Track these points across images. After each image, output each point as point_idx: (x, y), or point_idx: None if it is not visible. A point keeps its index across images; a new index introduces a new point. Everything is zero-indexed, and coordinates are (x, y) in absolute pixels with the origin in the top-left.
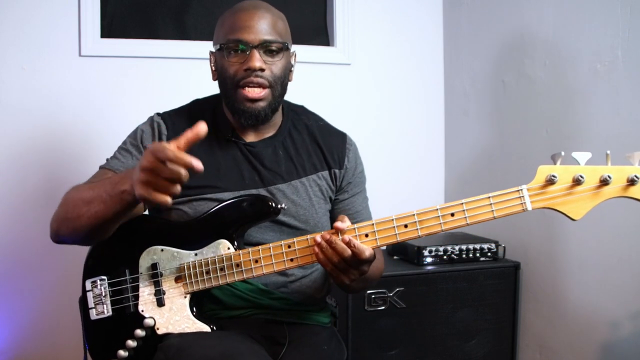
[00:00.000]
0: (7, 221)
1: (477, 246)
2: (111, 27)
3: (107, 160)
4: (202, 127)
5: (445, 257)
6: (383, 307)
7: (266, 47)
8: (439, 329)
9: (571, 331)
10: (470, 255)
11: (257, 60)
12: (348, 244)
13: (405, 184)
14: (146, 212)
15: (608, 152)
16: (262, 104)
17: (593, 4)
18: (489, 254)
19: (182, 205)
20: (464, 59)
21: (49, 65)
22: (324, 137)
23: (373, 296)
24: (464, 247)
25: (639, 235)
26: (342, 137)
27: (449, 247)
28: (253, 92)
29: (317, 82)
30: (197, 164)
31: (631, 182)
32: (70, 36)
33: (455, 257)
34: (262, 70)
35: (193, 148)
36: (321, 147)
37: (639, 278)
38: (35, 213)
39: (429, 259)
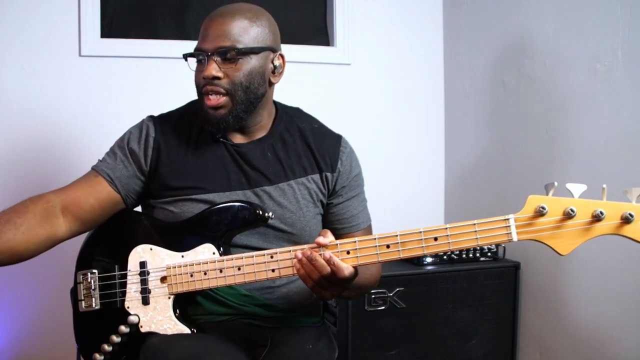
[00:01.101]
0: None
1: None
2: (111, 27)
3: (98, 160)
4: None
5: (445, 257)
6: (383, 307)
7: (222, 55)
8: (439, 329)
9: (571, 331)
10: (470, 255)
11: (211, 69)
12: (328, 261)
13: (405, 184)
14: (138, 209)
15: (604, 186)
16: (222, 111)
17: (593, 4)
18: (489, 254)
19: (169, 205)
20: (464, 59)
21: (49, 65)
22: (317, 140)
23: (373, 296)
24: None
25: None
26: (336, 140)
27: None
28: (211, 101)
29: (317, 82)
30: None
31: (625, 220)
32: (70, 36)
33: (455, 257)
34: (218, 78)
35: (182, 148)
36: (313, 150)
37: (638, 278)
38: None
39: (429, 259)
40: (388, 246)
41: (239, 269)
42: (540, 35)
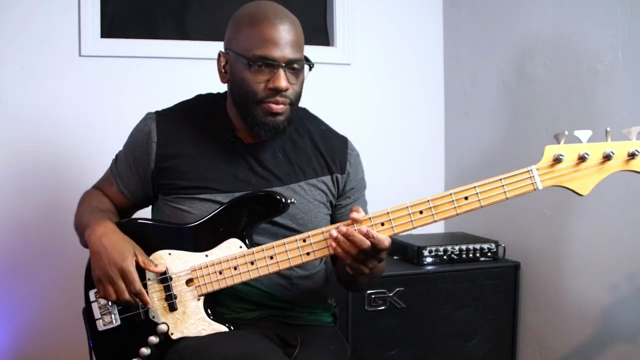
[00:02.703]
0: (7, 221)
1: (477, 246)
2: (111, 27)
3: (115, 166)
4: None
5: (445, 257)
6: (383, 307)
7: (291, 67)
8: (439, 329)
9: (571, 331)
10: (470, 255)
11: (284, 79)
12: (366, 235)
13: (405, 184)
14: (144, 216)
15: (608, 128)
16: (281, 117)
17: (593, 4)
18: (489, 254)
19: (177, 202)
20: (464, 59)
21: (49, 65)
22: (326, 142)
23: (373, 296)
24: (464, 247)
25: (639, 236)
26: (343, 142)
27: (449, 247)
28: (277, 107)
29: (317, 82)
30: (148, 305)
31: (632, 156)
32: (70, 36)
33: (455, 257)
34: (287, 89)
35: (191, 148)
36: (322, 152)
37: (638, 278)
38: (35, 213)
39: (429, 259)
40: (421, 212)
41: (272, 258)
42: (540, 35)
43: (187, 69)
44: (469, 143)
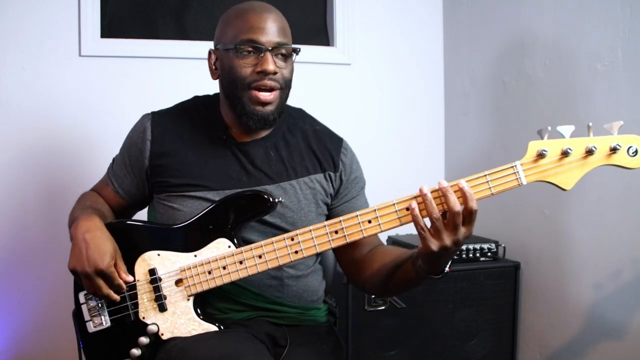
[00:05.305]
0: (7, 221)
1: (477, 246)
2: (111, 27)
3: (112, 167)
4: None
5: None
6: (383, 307)
7: (278, 51)
8: (439, 329)
9: (571, 331)
10: (470, 255)
11: (272, 63)
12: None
13: (405, 184)
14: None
15: (590, 123)
16: (270, 107)
17: (593, 4)
18: (489, 254)
19: (169, 201)
20: (464, 59)
21: (49, 65)
22: (319, 142)
23: (373, 296)
24: (464, 247)
25: (639, 236)
26: (338, 142)
27: None
28: (265, 96)
29: (317, 82)
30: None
31: (613, 150)
32: (70, 36)
33: (455, 257)
34: (275, 73)
35: (184, 146)
36: (314, 151)
37: (638, 278)
38: (35, 212)
39: None
40: (408, 209)
41: (260, 257)
42: (540, 35)
43: (187, 69)
44: (469, 143)
